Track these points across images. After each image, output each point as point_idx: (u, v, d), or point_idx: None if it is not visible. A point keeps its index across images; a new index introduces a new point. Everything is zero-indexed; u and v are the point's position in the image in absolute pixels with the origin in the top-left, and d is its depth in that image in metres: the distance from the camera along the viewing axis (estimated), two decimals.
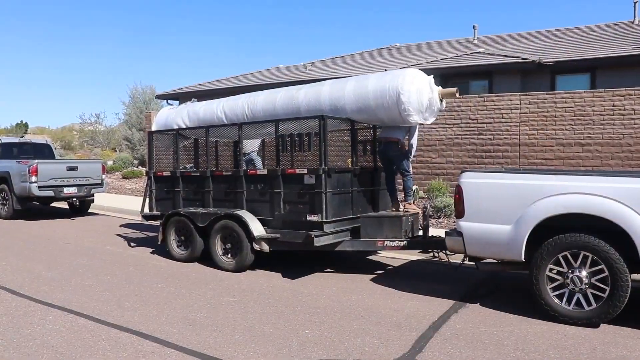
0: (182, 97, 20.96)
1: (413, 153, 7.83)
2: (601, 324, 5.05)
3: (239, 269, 7.39)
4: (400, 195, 7.86)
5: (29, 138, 18.64)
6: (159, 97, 23.97)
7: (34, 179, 12.51)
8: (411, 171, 7.81)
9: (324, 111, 7.40)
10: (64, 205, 15.09)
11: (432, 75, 7.38)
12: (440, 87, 7.34)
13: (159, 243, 8.52)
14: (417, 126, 7.65)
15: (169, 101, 22.44)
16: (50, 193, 12.85)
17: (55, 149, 16.93)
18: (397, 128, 7.53)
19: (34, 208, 14.42)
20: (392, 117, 7.22)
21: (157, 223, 9.00)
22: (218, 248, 7.67)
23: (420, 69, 7.46)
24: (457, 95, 7.50)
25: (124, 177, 20.51)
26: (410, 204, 7.58)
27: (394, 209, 7.78)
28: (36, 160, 12.80)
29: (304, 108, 7.69)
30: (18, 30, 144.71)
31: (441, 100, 7.35)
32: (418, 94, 6.98)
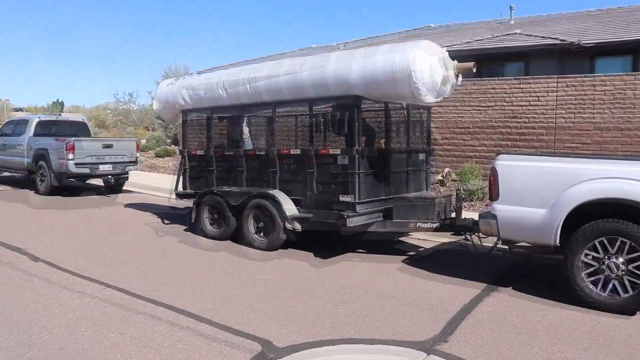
0: None
1: None
2: (637, 312, 4.97)
3: (271, 247, 7.48)
4: None
5: (65, 116, 18.97)
6: None
7: (71, 156, 12.77)
8: None
9: (330, 88, 7.16)
10: (99, 182, 15.40)
11: (445, 49, 6.92)
12: (455, 62, 6.94)
13: (192, 221, 8.66)
14: None
15: None
16: (87, 170, 13.11)
17: (91, 127, 17.22)
18: None
19: (70, 185, 14.76)
20: (403, 96, 6.89)
21: (191, 201, 9.13)
22: (251, 227, 7.76)
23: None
24: (474, 70, 7.03)
25: (157, 156, 20.79)
26: None
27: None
28: (73, 138, 13.06)
29: (308, 83, 7.33)
30: (55, 9, 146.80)
31: (457, 76, 6.96)
32: (431, 71, 6.57)
